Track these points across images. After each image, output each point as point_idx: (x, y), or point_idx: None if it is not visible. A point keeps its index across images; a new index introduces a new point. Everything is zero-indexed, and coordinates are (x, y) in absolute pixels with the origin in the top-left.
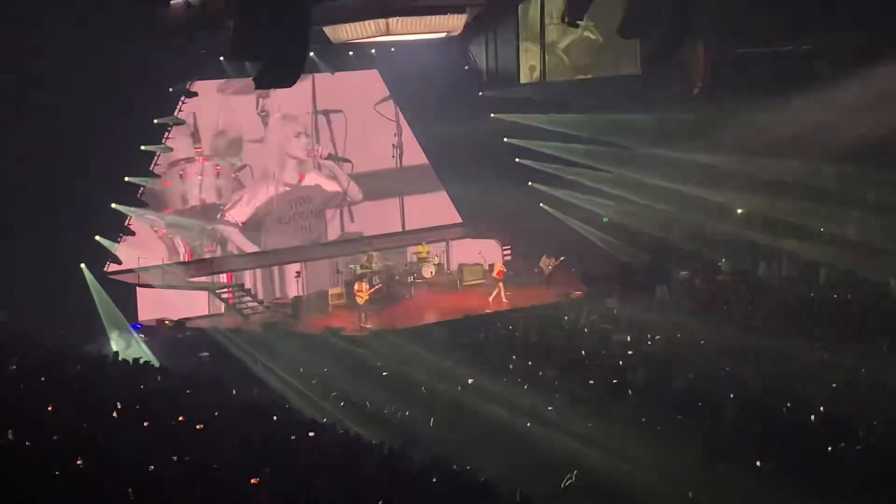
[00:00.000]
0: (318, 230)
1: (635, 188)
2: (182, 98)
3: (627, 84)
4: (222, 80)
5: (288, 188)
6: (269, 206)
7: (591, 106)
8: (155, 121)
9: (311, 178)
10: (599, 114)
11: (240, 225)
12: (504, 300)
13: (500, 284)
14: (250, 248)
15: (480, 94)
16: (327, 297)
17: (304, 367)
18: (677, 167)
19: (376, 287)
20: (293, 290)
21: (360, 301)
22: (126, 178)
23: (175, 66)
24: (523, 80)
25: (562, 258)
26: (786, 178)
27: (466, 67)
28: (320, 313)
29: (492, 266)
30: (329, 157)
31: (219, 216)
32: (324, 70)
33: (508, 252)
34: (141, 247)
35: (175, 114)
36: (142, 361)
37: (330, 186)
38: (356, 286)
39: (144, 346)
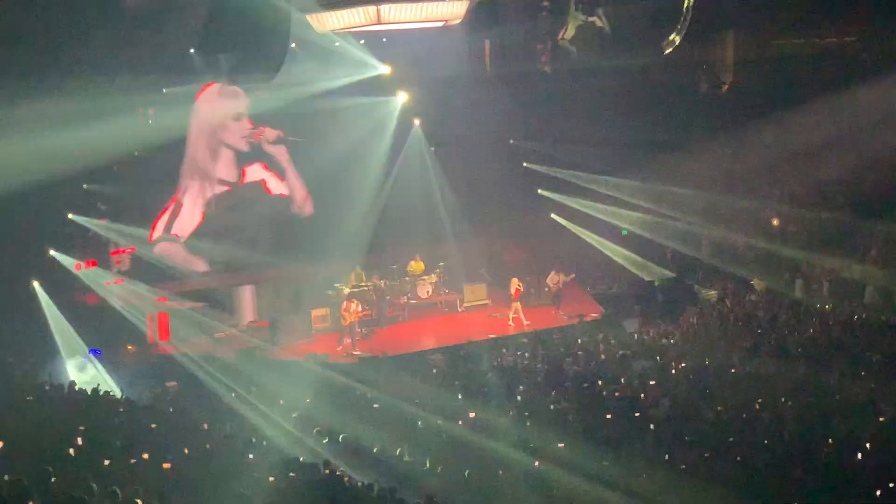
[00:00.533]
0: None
1: (658, 196)
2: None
3: (645, 79)
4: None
5: (226, 188)
6: (205, 213)
7: (609, 98)
8: None
9: (255, 173)
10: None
11: (181, 241)
12: (525, 322)
13: (518, 305)
14: (203, 265)
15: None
16: (310, 319)
17: (284, 398)
18: (704, 172)
19: (365, 311)
20: (271, 311)
21: (346, 323)
22: (84, 186)
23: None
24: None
25: (572, 275)
26: (827, 186)
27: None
28: (302, 337)
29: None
30: (278, 139)
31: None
32: (307, 63)
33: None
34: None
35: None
36: (102, 391)
37: (276, 187)
38: (343, 306)
39: (105, 374)
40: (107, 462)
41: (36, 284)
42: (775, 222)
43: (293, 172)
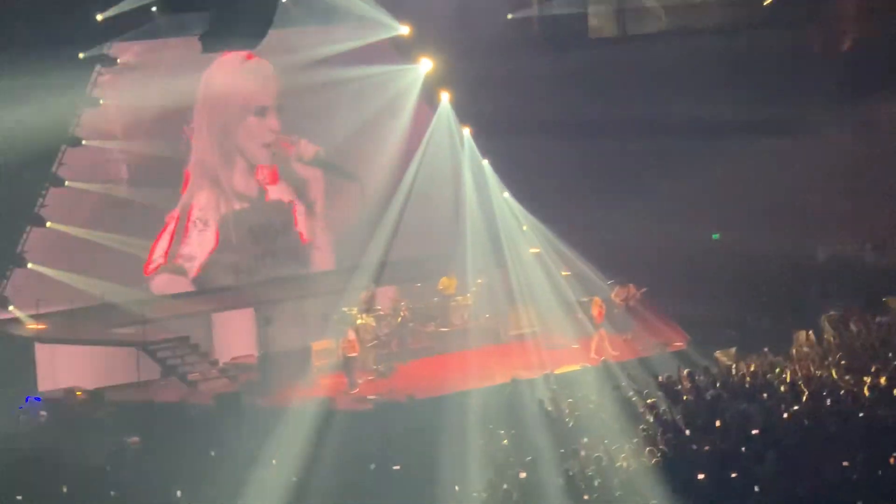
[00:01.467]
0: (299, 259)
1: (759, 188)
2: (98, 69)
3: (748, 38)
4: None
5: (245, 205)
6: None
7: (695, 68)
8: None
9: (280, 191)
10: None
11: (190, 274)
12: (612, 352)
13: (602, 331)
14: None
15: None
16: (310, 355)
17: (277, 457)
18: (819, 160)
19: (380, 337)
20: (261, 344)
21: (351, 354)
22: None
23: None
24: (594, 33)
25: (643, 288)
26: None
27: (510, 16)
28: (300, 378)
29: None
30: (317, 159)
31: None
32: (303, 24)
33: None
34: (43, 284)
35: (88, 92)
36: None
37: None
38: (347, 335)
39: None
40: None
41: None
42: None
43: (322, 211)
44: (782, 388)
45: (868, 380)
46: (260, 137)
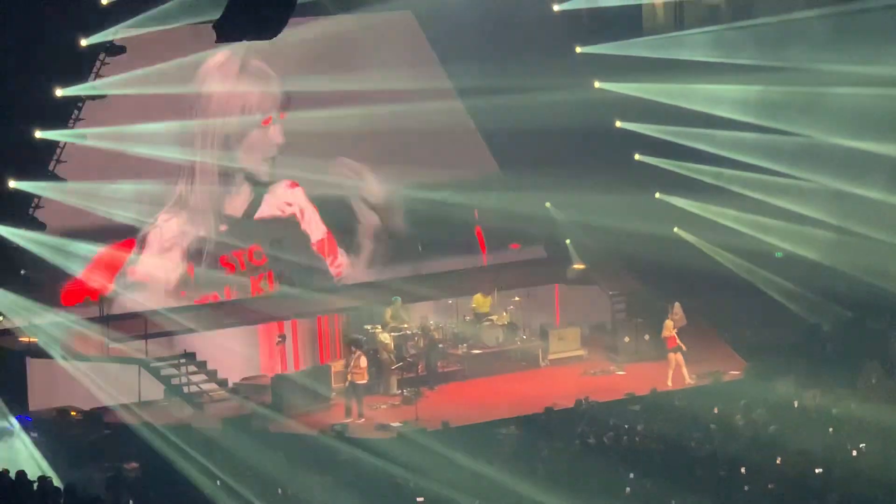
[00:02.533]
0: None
1: (830, 204)
2: (101, 57)
3: (828, 31)
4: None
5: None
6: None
7: (763, 68)
8: (58, 93)
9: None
10: (775, 84)
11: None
12: (689, 379)
13: (678, 356)
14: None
15: (578, 50)
16: (329, 376)
17: (288, 486)
18: None
19: (405, 359)
20: (274, 364)
21: (360, 382)
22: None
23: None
24: (648, 26)
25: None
26: None
27: (556, 8)
28: (317, 402)
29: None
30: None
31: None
32: (327, 12)
33: (621, 304)
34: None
35: (91, 81)
36: (32, 477)
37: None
38: (358, 360)
39: (36, 452)
40: None
41: None
42: None
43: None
44: (849, 424)
45: None
46: (262, 150)
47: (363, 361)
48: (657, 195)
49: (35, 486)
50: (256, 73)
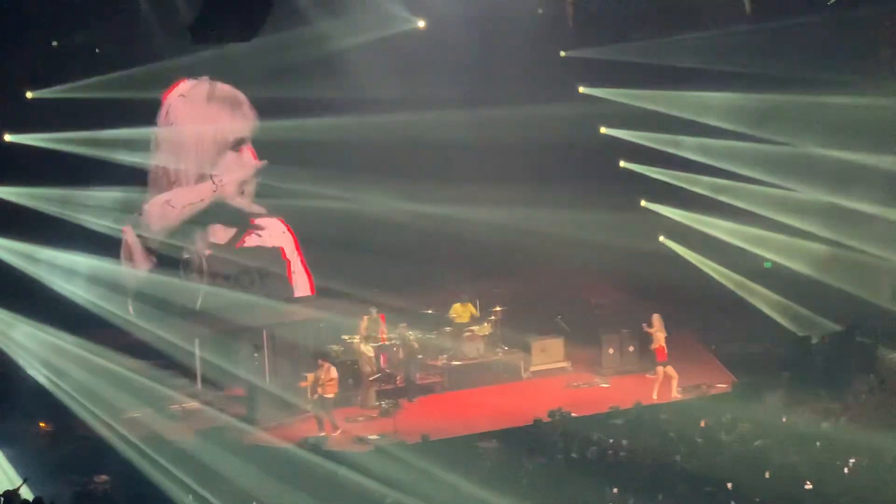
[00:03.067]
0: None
1: (819, 215)
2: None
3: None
4: None
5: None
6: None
7: (753, 75)
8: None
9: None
10: (764, 91)
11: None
12: (677, 394)
13: (667, 369)
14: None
15: (562, 54)
16: (305, 389)
17: (262, 500)
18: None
19: (383, 370)
20: (249, 372)
21: (324, 394)
22: None
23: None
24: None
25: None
26: None
27: (540, 11)
28: (292, 414)
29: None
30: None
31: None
32: (311, 16)
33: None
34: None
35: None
36: None
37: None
38: (328, 371)
39: (5, 462)
40: None
41: None
42: None
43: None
44: (837, 439)
45: None
46: (238, 175)
47: (333, 373)
48: (642, 203)
49: (1, 500)
50: (225, 97)
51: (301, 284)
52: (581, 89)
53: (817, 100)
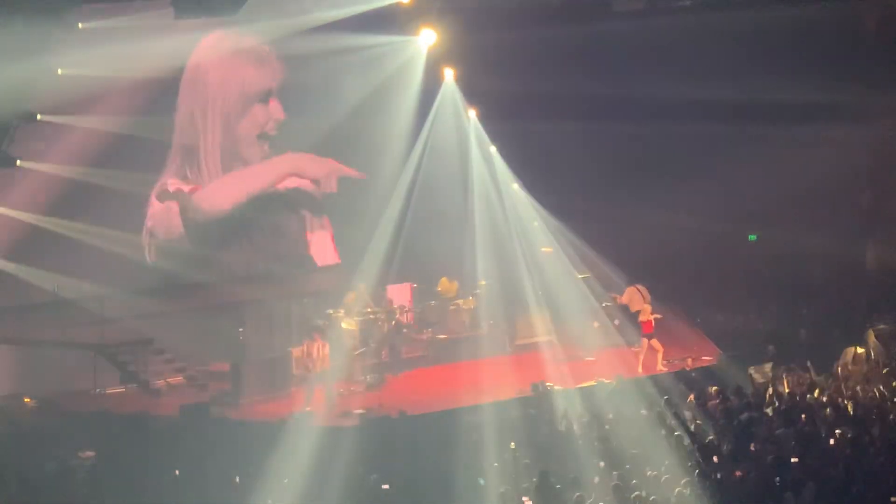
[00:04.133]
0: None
1: (802, 183)
2: (57, 33)
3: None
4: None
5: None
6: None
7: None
8: None
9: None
10: None
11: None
12: (662, 367)
13: (652, 341)
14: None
15: None
16: (290, 364)
17: (247, 475)
18: (876, 148)
19: (368, 344)
20: (234, 351)
21: (314, 369)
22: None
23: None
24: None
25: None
26: None
27: None
28: (278, 389)
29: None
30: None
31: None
32: None
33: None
34: None
35: (45, 60)
36: None
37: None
38: (318, 345)
39: None
40: None
41: None
42: None
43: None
44: (825, 411)
45: None
46: (261, 128)
47: (327, 349)
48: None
49: None
50: (250, 50)
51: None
52: None
53: None
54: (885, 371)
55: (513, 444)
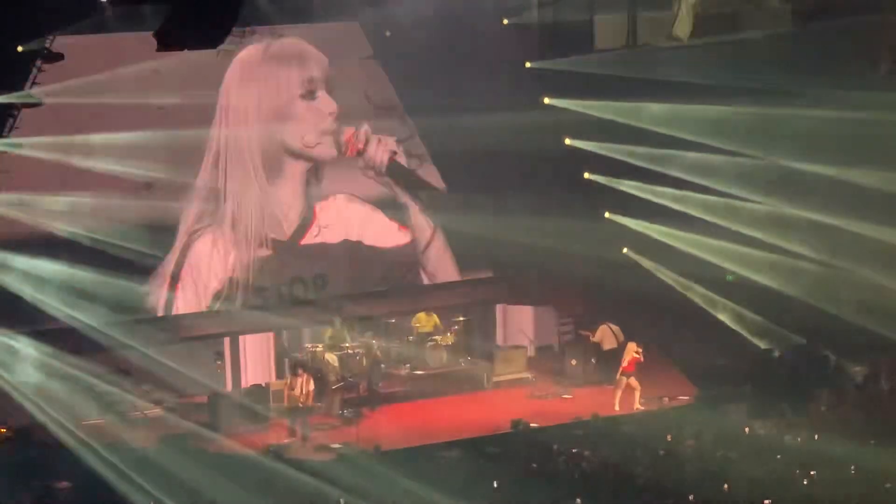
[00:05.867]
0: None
1: (778, 226)
2: (38, 63)
3: (776, 53)
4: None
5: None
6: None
7: (712, 89)
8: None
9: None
10: (726, 104)
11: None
12: (639, 405)
13: (631, 380)
14: None
15: (528, 65)
16: (268, 396)
17: None
18: (853, 192)
19: (346, 379)
20: (213, 381)
21: (296, 403)
22: None
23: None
24: (601, 43)
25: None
26: None
27: (506, 22)
28: (255, 422)
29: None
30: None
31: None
32: (274, 21)
33: (568, 326)
34: None
35: (27, 89)
36: None
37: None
38: (303, 379)
39: None
40: None
41: None
42: None
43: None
44: (798, 452)
45: None
46: (315, 122)
47: (311, 384)
48: (606, 215)
49: None
50: (282, 52)
51: None
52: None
53: (792, 112)
54: (868, 413)
55: (495, 482)
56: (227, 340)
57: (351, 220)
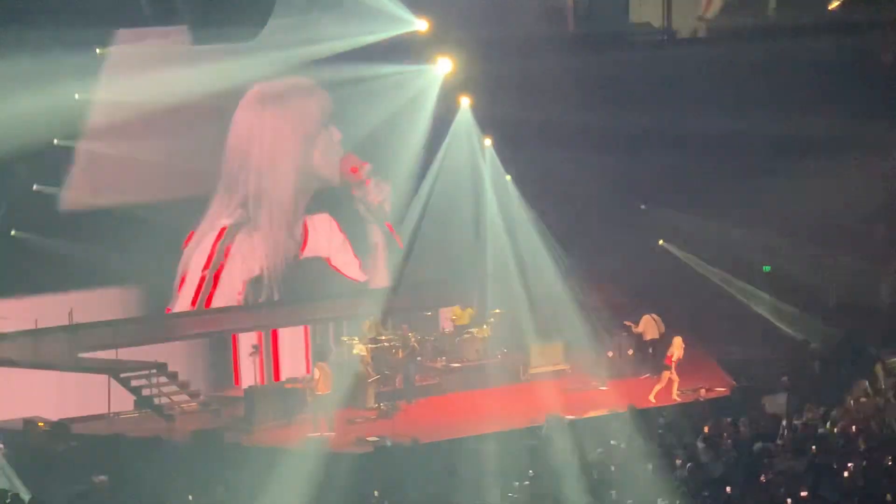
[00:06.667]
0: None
1: (816, 214)
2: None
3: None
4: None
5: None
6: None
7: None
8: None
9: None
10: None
11: None
12: (676, 397)
13: (671, 373)
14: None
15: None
16: (303, 390)
17: (260, 501)
18: (889, 179)
19: (383, 372)
20: (249, 376)
21: (318, 392)
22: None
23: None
24: (635, 18)
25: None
26: None
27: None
28: (290, 415)
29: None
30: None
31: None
32: (308, 14)
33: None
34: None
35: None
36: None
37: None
38: (317, 369)
39: (4, 464)
40: None
41: None
42: None
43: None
44: (837, 444)
45: None
46: (335, 153)
47: (329, 374)
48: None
49: (7, 501)
50: (281, 93)
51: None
52: None
53: None
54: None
55: (531, 471)
56: (259, 334)
57: (331, 239)
